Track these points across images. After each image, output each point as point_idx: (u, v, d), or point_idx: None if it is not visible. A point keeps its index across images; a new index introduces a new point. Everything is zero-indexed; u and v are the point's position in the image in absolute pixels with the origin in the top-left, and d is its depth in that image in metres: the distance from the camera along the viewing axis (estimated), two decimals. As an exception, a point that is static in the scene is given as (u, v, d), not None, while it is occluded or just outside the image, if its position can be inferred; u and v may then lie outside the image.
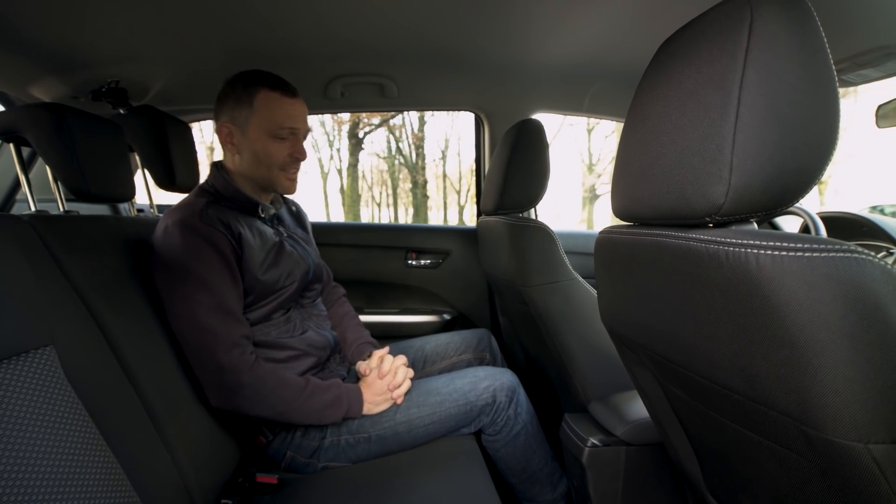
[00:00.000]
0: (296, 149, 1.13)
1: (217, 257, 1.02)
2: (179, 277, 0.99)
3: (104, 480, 0.63)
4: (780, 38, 0.47)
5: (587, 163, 7.62)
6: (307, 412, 1.05)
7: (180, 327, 0.99)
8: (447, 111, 3.16)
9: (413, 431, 1.13)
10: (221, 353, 0.98)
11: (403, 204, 8.38)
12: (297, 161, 1.15)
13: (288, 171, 1.15)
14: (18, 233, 0.75)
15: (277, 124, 1.09)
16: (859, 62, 1.22)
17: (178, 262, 0.99)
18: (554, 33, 1.32)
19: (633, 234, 0.67)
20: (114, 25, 1.15)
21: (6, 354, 0.59)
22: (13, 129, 0.96)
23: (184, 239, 1.00)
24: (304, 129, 1.14)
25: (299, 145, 1.14)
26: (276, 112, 1.08)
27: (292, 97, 1.11)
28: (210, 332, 0.98)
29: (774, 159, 0.47)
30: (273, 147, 1.10)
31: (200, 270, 1.00)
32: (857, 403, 0.42)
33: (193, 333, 0.99)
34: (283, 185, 1.16)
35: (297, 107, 1.12)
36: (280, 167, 1.13)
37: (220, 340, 0.99)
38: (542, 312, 1.27)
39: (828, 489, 0.50)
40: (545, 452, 1.24)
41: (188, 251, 1.00)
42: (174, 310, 1.00)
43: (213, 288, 1.00)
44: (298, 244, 1.25)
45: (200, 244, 1.01)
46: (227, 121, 1.11)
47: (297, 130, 1.12)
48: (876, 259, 0.42)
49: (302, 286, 1.20)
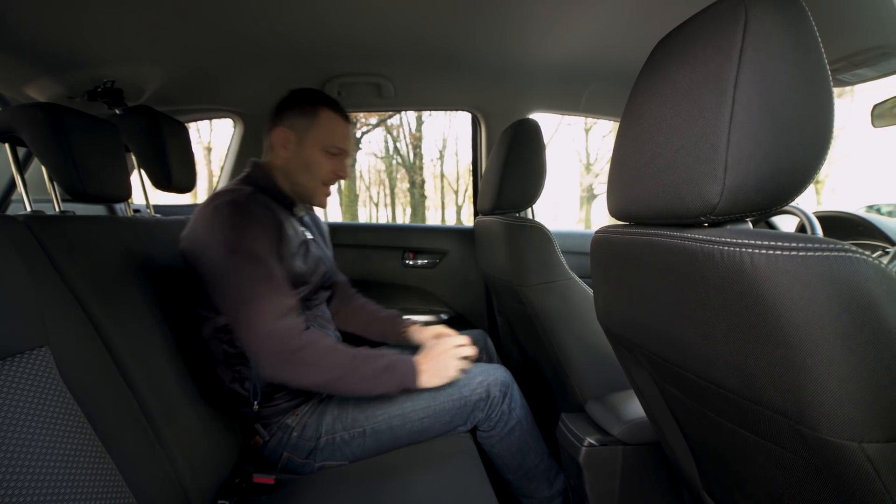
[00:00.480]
0: (340, 167, 1.22)
1: (265, 234, 1.07)
2: (229, 250, 1.02)
3: (99, 481, 0.63)
4: (774, 38, 0.47)
5: (584, 162, 7.64)
6: (361, 378, 1.05)
7: (230, 298, 1.02)
8: (444, 111, 3.16)
9: (407, 425, 1.13)
10: (272, 319, 1.01)
11: (401, 204, 8.38)
12: (338, 178, 1.23)
13: (327, 187, 1.24)
14: (13, 233, 0.75)
15: (333, 142, 1.19)
16: (855, 62, 1.22)
17: (228, 236, 1.03)
18: (550, 33, 1.33)
19: (628, 234, 0.67)
20: (110, 25, 1.15)
21: (1, 355, 0.58)
22: (8, 129, 0.96)
23: (235, 215, 1.05)
24: (350, 151, 1.25)
25: (344, 165, 1.23)
26: (336, 131, 1.20)
27: (349, 123, 1.24)
28: (261, 300, 1.01)
29: (769, 159, 0.47)
30: (323, 160, 1.20)
31: (251, 244, 1.04)
32: (851, 402, 0.43)
33: (244, 303, 1.01)
34: (319, 198, 1.25)
35: (349, 130, 1.24)
36: (323, 180, 1.22)
37: (271, 308, 1.02)
38: (539, 312, 1.27)
39: (823, 488, 0.51)
40: (541, 448, 1.25)
41: (239, 226, 1.04)
42: (225, 282, 1.03)
43: (263, 260, 1.04)
44: (319, 247, 1.31)
45: (251, 221, 1.06)
46: (287, 126, 1.19)
47: (345, 152, 1.22)
48: (870, 258, 0.42)
49: (317, 287, 1.24)
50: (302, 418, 1.14)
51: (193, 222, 1.09)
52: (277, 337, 1.01)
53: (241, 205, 1.07)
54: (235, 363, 1.11)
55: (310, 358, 1.03)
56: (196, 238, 1.07)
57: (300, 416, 1.14)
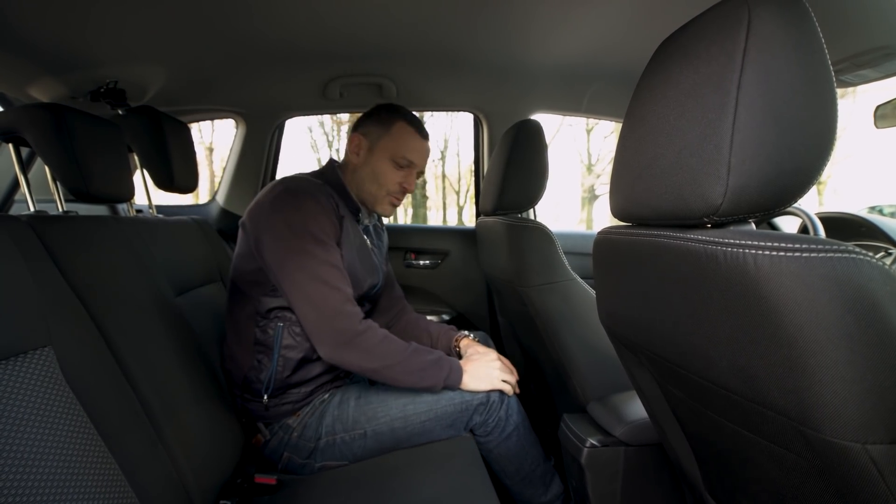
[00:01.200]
0: (407, 180, 1.24)
1: (329, 223, 1.10)
2: (297, 233, 1.06)
3: (102, 481, 0.63)
4: (777, 39, 0.47)
5: (586, 163, 7.63)
6: (411, 368, 1.08)
7: (296, 279, 1.05)
8: (446, 111, 3.16)
9: (408, 427, 1.13)
10: (338, 301, 1.05)
11: (402, 204, 8.37)
12: (405, 191, 1.25)
13: (392, 197, 1.24)
14: (17, 233, 0.75)
15: (402, 153, 1.21)
16: (858, 62, 1.22)
17: (296, 218, 1.06)
18: (553, 34, 1.33)
19: (631, 235, 0.67)
20: (112, 26, 1.15)
21: (4, 355, 0.59)
22: (12, 130, 0.96)
23: (302, 202, 1.08)
24: (421, 167, 1.26)
25: (411, 178, 1.24)
26: (406, 143, 1.21)
27: (423, 138, 1.25)
28: (326, 282, 1.05)
29: (772, 159, 0.47)
30: (390, 170, 1.21)
31: (317, 230, 1.07)
32: (854, 404, 0.42)
33: (310, 283, 1.04)
34: (383, 207, 1.26)
35: (424, 146, 1.26)
36: (388, 190, 1.23)
37: (335, 290, 1.05)
38: (541, 313, 1.27)
39: (826, 489, 0.50)
40: (537, 453, 1.25)
41: (307, 211, 1.08)
42: (290, 262, 1.05)
43: (327, 245, 1.08)
44: (378, 258, 1.34)
45: (318, 208, 1.09)
46: (362, 133, 1.23)
47: (414, 164, 1.23)
48: (873, 259, 0.42)
49: (363, 295, 1.26)
50: (303, 418, 1.14)
51: (259, 202, 1.11)
52: (344, 317, 1.05)
53: (309, 192, 1.10)
54: (259, 351, 1.14)
55: (368, 343, 1.06)
56: (261, 217, 1.09)
57: (301, 417, 1.14)
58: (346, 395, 1.18)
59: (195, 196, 2.03)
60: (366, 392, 1.18)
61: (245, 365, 1.14)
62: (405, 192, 1.25)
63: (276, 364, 1.12)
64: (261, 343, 1.14)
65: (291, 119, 1.97)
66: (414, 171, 1.24)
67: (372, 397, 1.16)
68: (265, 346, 1.13)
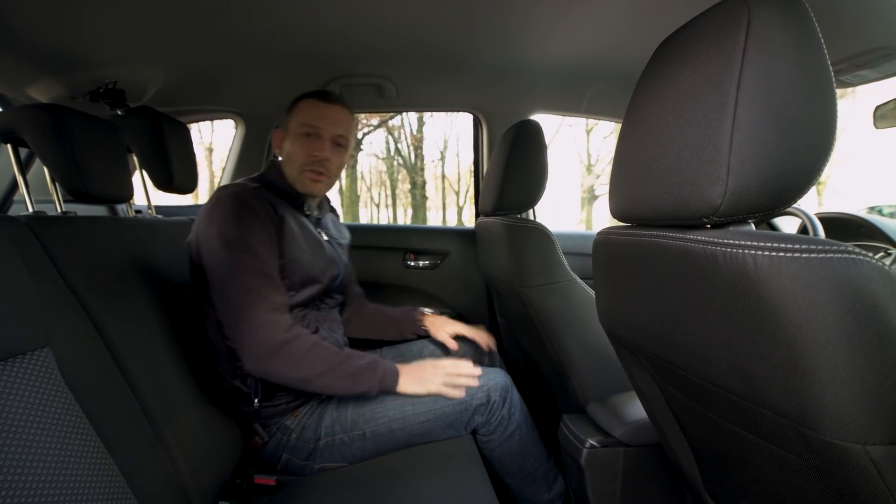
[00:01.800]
0: (315, 146, 1.18)
1: (261, 228, 1.07)
2: (225, 242, 1.04)
3: (100, 482, 0.62)
4: (777, 39, 0.47)
5: (586, 163, 7.63)
6: (342, 374, 1.06)
7: (223, 289, 1.03)
8: (446, 112, 3.17)
9: (408, 428, 1.12)
10: (261, 312, 1.02)
11: (402, 205, 8.39)
12: (315, 159, 1.18)
13: (308, 171, 1.19)
14: (15, 234, 0.75)
15: (303, 122, 1.18)
16: (857, 63, 1.22)
17: (226, 228, 1.05)
18: (552, 34, 1.33)
19: (630, 235, 0.67)
20: (111, 26, 1.15)
21: (2, 356, 0.58)
22: (11, 130, 0.96)
23: (234, 208, 1.06)
24: (331, 131, 1.19)
25: (319, 144, 1.18)
26: (307, 113, 1.18)
27: (327, 102, 1.20)
28: (252, 292, 1.02)
29: (772, 160, 0.47)
30: (298, 145, 1.18)
31: (246, 237, 1.05)
32: (854, 405, 0.42)
33: (235, 293, 1.02)
34: (304, 185, 1.20)
35: (328, 110, 1.19)
36: (302, 166, 1.18)
37: (260, 300, 1.02)
38: (540, 313, 1.27)
39: (826, 490, 0.50)
40: (540, 452, 1.25)
41: (237, 219, 1.05)
42: (218, 272, 1.04)
43: (257, 253, 1.05)
44: (335, 249, 1.32)
45: (248, 215, 1.07)
46: (282, 129, 1.24)
47: (320, 130, 1.18)
48: (873, 260, 0.42)
49: (328, 288, 1.25)
50: (301, 419, 1.13)
51: (199, 215, 1.11)
52: (265, 328, 1.01)
53: (241, 198, 1.08)
54: (237, 359, 1.09)
55: (296, 352, 1.03)
56: (198, 229, 1.09)
57: (299, 418, 1.14)
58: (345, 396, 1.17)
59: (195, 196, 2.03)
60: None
61: (228, 374, 1.11)
62: (319, 161, 1.18)
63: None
64: (235, 352, 1.08)
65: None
66: (325, 138, 1.18)
67: (371, 398, 1.16)
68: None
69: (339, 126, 1.20)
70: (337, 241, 1.36)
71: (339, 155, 1.22)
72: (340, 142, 1.22)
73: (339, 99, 1.22)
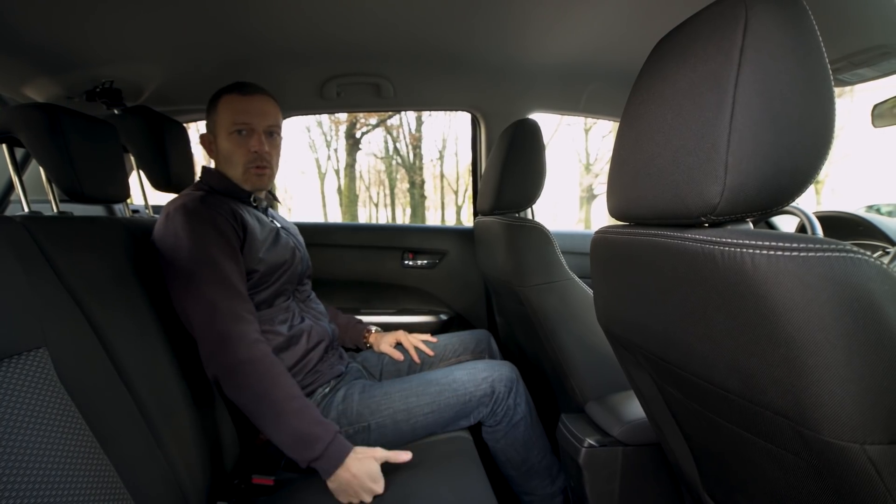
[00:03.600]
0: (253, 143, 1.16)
1: (217, 236, 1.04)
2: (183, 257, 1.01)
3: (97, 483, 0.62)
4: (774, 37, 0.46)
5: (584, 162, 7.63)
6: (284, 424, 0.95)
7: (185, 305, 1.00)
8: (444, 111, 3.16)
9: (412, 420, 1.13)
10: (223, 323, 0.98)
11: (401, 204, 8.37)
12: (257, 156, 1.16)
13: (252, 168, 1.17)
14: (11, 234, 0.74)
15: (232, 121, 1.15)
16: (855, 61, 1.22)
17: (181, 243, 1.02)
18: (550, 33, 1.32)
19: (628, 234, 0.66)
20: (108, 26, 1.14)
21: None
22: (6, 130, 0.96)
23: (185, 221, 1.03)
24: (262, 123, 1.16)
25: (254, 139, 1.16)
26: (232, 110, 1.15)
27: (248, 94, 1.16)
28: (212, 304, 0.98)
29: (770, 159, 0.47)
30: (233, 145, 1.16)
31: (203, 248, 1.02)
32: (853, 404, 0.42)
33: (197, 308, 0.99)
34: (251, 181, 1.19)
35: (253, 103, 1.16)
36: (245, 164, 1.17)
37: (221, 311, 0.98)
38: (539, 313, 1.27)
39: (824, 490, 0.50)
40: (544, 444, 1.26)
41: (190, 231, 1.02)
42: (178, 288, 1.01)
43: (215, 264, 1.02)
44: (291, 235, 1.31)
45: (202, 224, 1.04)
46: (208, 131, 1.21)
47: (251, 125, 1.15)
48: (872, 259, 0.42)
49: (298, 274, 1.25)
50: None
51: (155, 230, 1.08)
52: (226, 340, 0.97)
53: (191, 209, 1.05)
54: None
55: (250, 376, 0.96)
56: (156, 245, 1.06)
57: None
58: (351, 389, 1.18)
59: (192, 196, 2.02)
60: (369, 386, 1.19)
61: None
62: (259, 156, 1.17)
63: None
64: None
65: (289, 119, 1.97)
66: (257, 132, 1.16)
67: (376, 391, 1.17)
68: None
69: (267, 117, 1.18)
70: (286, 229, 1.32)
71: (275, 145, 1.21)
72: (273, 131, 1.20)
73: (258, 88, 1.19)
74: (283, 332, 1.14)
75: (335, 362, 1.25)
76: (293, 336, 1.16)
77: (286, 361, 1.13)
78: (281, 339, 1.13)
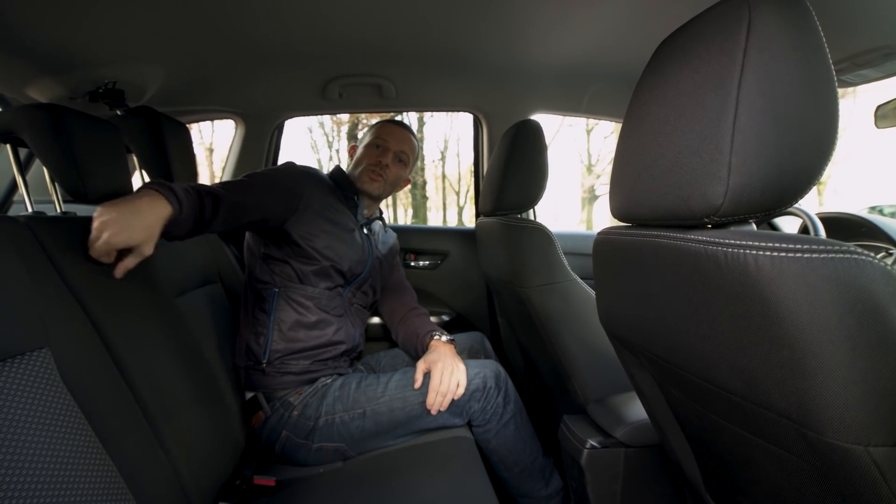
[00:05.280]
0: (381, 154, 1.40)
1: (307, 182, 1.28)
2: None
3: (99, 483, 0.62)
4: (778, 38, 0.46)
5: (586, 163, 7.63)
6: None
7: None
8: (446, 112, 3.16)
9: (407, 408, 1.16)
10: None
11: (402, 205, 8.38)
12: (378, 164, 1.39)
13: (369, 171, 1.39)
14: (14, 234, 0.75)
15: (375, 136, 1.43)
16: (858, 62, 1.22)
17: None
18: (553, 34, 1.32)
19: (631, 235, 0.66)
20: (111, 26, 1.15)
21: (1, 356, 0.58)
22: (10, 130, 0.96)
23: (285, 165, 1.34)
24: (397, 146, 1.42)
25: (383, 153, 1.41)
26: (379, 130, 1.44)
27: (396, 125, 1.46)
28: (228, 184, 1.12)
29: (773, 160, 0.47)
30: (366, 152, 1.42)
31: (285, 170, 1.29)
32: (856, 406, 0.42)
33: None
34: (363, 181, 1.40)
35: (397, 131, 1.45)
36: (366, 166, 1.39)
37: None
38: (541, 313, 1.27)
39: (827, 491, 0.50)
40: (535, 446, 1.26)
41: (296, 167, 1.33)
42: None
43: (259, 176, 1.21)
44: (373, 246, 1.44)
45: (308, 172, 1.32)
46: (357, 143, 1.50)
47: (387, 143, 1.42)
48: (875, 260, 0.42)
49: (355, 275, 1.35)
50: (304, 398, 1.18)
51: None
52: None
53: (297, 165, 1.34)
54: (260, 323, 1.25)
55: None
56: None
57: (303, 396, 1.19)
58: (349, 379, 1.23)
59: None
60: (367, 378, 1.23)
61: (247, 336, 1.24)
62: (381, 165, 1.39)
63: (272, 327, 1.23)
64: (262, 311, 1.26)
65: (291, 119, 1.97)
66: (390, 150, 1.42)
67: (373, 381, 1.21)
68: (264, 314, 1.25)
69: (403, 143, 1.43)
70: (376, 245, 1.46)
71: (398, 168, 1.43)
72: (402, 157, 1.44)
73: (407, 126, 1.47)
74: (316, 313, 1.26)
75: (344, 364, 1.31)
76: (320, 321, 1.26)
77: (304, 341, 1.24)
78: (311, 318, 1.25)
